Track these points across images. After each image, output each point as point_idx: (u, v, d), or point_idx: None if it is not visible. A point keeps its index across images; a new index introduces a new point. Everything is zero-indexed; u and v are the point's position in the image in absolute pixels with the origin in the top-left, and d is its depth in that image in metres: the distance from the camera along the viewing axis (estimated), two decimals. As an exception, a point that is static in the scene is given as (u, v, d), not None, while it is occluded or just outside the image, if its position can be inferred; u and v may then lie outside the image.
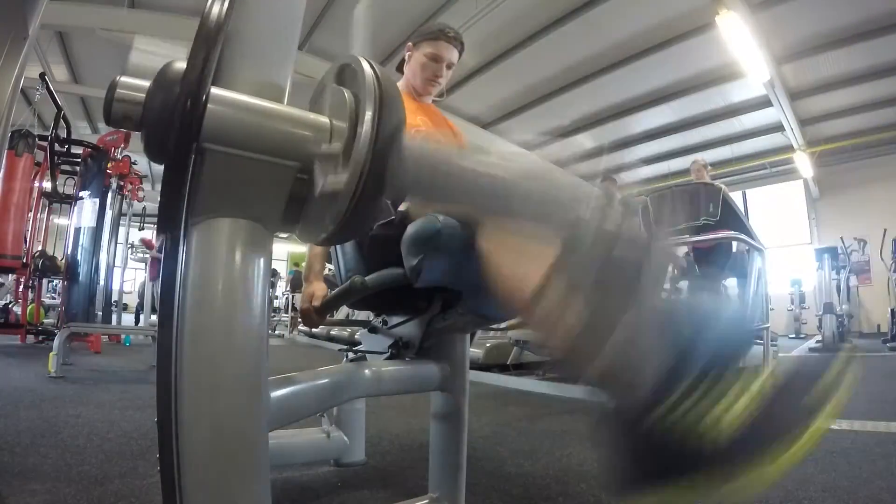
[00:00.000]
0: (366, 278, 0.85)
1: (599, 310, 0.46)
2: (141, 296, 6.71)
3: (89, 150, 4.55)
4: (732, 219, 3.27)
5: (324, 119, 0.54)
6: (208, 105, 0.45)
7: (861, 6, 5.45)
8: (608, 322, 0.45)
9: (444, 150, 0.59)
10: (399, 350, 0.97)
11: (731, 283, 4.39)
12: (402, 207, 0.86)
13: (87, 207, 4.37)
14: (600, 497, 1.22)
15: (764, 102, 7.35)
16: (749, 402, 0.42)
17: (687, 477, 0.41)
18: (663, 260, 0.49)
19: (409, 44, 1.36)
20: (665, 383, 0.44)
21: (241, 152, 0.48)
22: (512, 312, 0.73)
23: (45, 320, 5.11)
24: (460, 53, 1.34)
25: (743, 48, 5.52)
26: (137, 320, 6.48)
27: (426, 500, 0.98)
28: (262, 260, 0.52)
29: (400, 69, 1.40)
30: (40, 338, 4.63)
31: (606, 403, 0.47)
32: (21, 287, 4.92)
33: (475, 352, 3.58)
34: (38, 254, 4.62)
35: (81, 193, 4.43)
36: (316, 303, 1.02)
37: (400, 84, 1.36)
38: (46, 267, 4.49)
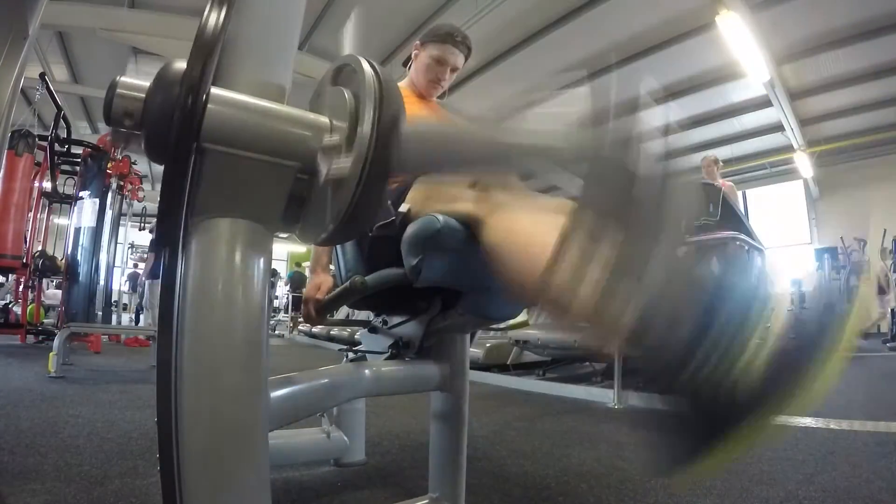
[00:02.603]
0: (366, 278, 0.85)
1: (623, 257, 0.43)
2: (141, 296, 6.71)
3: (89, 150, 4.55)
4: (732, 219, 3.27)
5: (324, 119, 0.54)
6: (208, 105, 0.45)
7: (861, 6, 5.45)
8: (634, 270, 0.42)
9: (441, 126, 0.57)
10: (399, 350, 0.97)
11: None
12: (402, 209, 0.86)
13: (87, 207, 4.36)
14: (600, 497, 1.22)
15: (764, 102, 7.35)
16: (772, 344, 0.42)
17: (733, 428, 0.40)
18: (685, 198, 0.46)
19: (417, 42, 1.35)
20: (694, 338, 0.42)
21: (241, 152, 0.48)
22: (524, 298, 0.70)
23: (45, 320, 5.12)
24: (466, 58, 1.33)
25: (743, 48, 5.52)
26: (137, 320, 6.48)
27: (426, 500, 0.98)
28: (262, 260, 0.52)
29: (406, 65, 1.39)
30: (40, 338, 4.63)
31: (640, 368, 0.44)
32: (21, 287, 4.92)
33: (475, 352, 3.58)
34: (38, 254, 4.62)
35: (81, 193, 4.43)
36: (320, 295, 1.01)
37: (404, 82, 1.36)
38: (46, 267, 4.49)
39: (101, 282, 4.40)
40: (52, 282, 5.31)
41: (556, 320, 0.52)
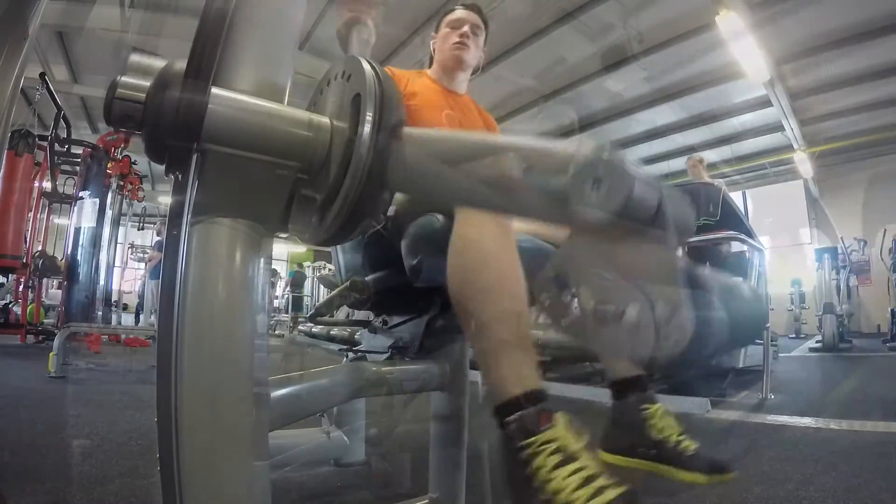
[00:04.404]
0: (366, 278, 0.85)
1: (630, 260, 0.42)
2: (141, 295, 6.72)
3: (89, 150, 4.56)
4: (732, 219, 3.27)
5: (324, 119, 0.54)
6: (209, 105, 0.45)
7: (861, 6, 5.45)
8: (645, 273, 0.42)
9: (441, 144, 0.54)
10: (399, 350, 0.97)
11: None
12: (390, 212, 0.86)
13: (87, 207, 4.37)
14: (600, 497, 1.22)
15: (764, 102, 7.34)
16: None
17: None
18: (681, 209, 0.45)
19: (432, 34, 1.34)
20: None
21: (242, 153, 0.48)
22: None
23: (45, 320, 5.12)
24: (484, 21, 1.30)
25: (743, 48, 5.52)
26: (137, 320, 6.49)
27: (426, 500, 0.98)
28: (262, 260, 0.52)
29: (431, 65, 1.36)
30: (40, 338, 4.63)
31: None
32: (21, 287, 4.92)
33: (475, 352, 3.57)
34: (38, 254, 4.62)
35: (81, 193, 4.44)
36: None
37: (430, 72, 1.32)
38: (46, 267, 4.49)
39: (101, 282, 4.40)
40: (53, 282, 5.31)
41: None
